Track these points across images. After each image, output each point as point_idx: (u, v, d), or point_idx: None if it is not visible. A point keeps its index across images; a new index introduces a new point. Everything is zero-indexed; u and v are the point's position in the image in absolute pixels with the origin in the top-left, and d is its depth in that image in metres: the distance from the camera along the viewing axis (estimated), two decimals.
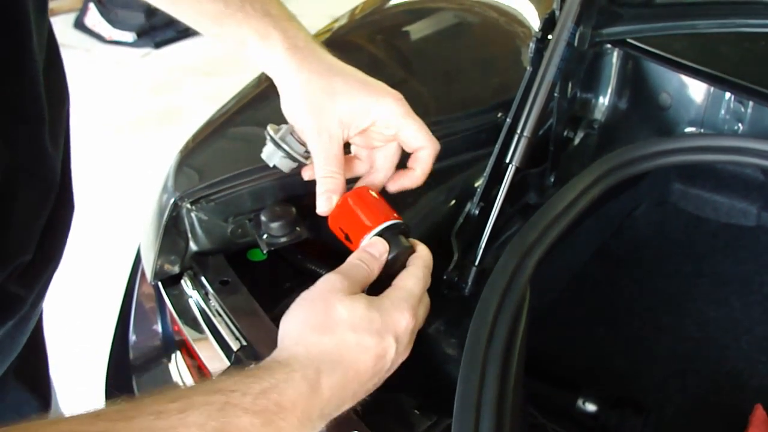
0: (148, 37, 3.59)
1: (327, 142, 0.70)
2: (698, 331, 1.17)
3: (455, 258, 0.81)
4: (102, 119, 2.96)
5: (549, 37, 0.84)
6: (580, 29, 0.84)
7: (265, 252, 0.79)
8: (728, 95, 0.97)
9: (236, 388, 0.50)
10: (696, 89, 1.01)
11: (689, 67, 0.95)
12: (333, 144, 0.70)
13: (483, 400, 0.60)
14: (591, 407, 0.93)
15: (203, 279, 0.81)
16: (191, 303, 0.82)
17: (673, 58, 0.95)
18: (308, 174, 0.74)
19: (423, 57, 1.11)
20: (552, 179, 0.96)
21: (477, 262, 0.80)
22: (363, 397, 0.59)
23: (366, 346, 0.57)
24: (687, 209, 1.28)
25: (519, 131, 0.82)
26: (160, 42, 3.58)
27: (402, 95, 0.72)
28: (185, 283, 0.83)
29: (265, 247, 0.79)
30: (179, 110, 3.00)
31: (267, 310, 0.76)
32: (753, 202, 1.22)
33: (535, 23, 1.13)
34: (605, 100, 1.06)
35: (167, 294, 0.84)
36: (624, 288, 1.24)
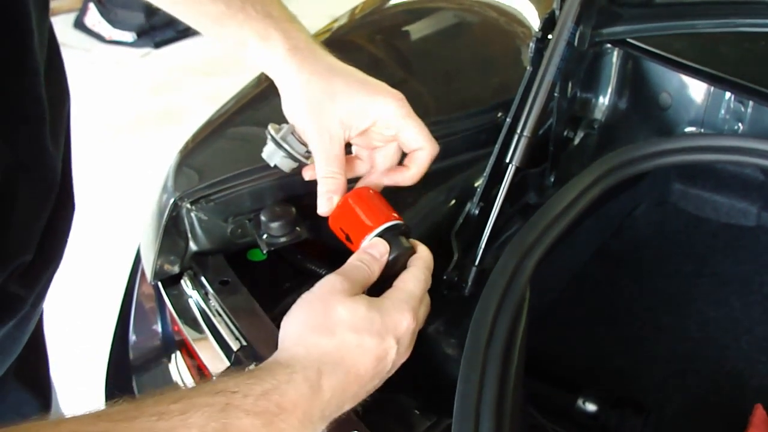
0: (148, 37, 3.59)
1: (328, 143, 0.70)
2: (698, 331, 1.17)
3: (455, 258, 0.81)
4: (102, 119, 2.95)
5: (549, 37, 0.84)
6: (580, 29, 0.84)
7: (265, 252, 0.79)
8: (728, 95, 0.97)
9: (237, 390, 0.50)
10: (696, 89, 1.01)
11: (689, 67, 0.95)
12: (334, 144, 0.70)
13: (483, 401, 0.60)
14: (591, 407, 0.93)
15: (203, 279, 0.81)
16: (191, 303, 0.82)
17: (673, 58, 0.95)
18: (309, 174, 0.74)
19: (423, 57, 1.11)
20: (552, 179, 0.96)
21: (477, 262, 0.80)
22: (363, 398, 0.59)
23: (367, 348, 0.57)
24: (687, 209, 1.28)
25: (519, 131, 0.82)
26: (160, 42, 3.58)
27: (403, 95, 0.72)
28: (185, 283, 0.83)
29: (265, 247, 0.79)
30: (179, 110, 2.99)
31: (267, 310, 0.76)
32: (753, 202, 1.22)
33: (535, 23, 1.13)
34: (605, 100, 1.06)
35: (167, 294, 0.84)
36: (624, 288, 1.24)
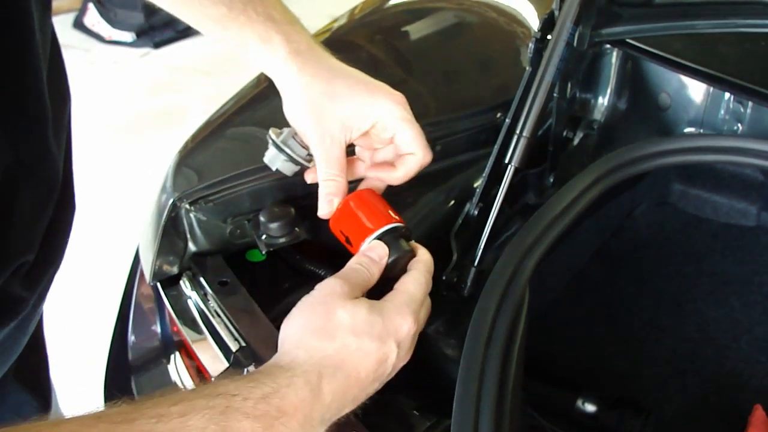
0: (148, 37, 3.59)
1: (329, 145, 0.70)
2: (698, 331, 1.17)
3: (454, 258, 0.81)
4: (101, 119, 2.95)
5: (548, 38, 0.84)
6: (580, 29, 0.84)
7: (264, 253, 0.79)
8: (728, 95, 0.97)
9: (238, 392, 0.50)
10: (695, 89, 1.01)
11: (689, 67, 0.95)
12: (335, 147, 0.70)
13: (482, 401, 0.60)
14: (590, 408, 0.93)
15: (202, 280, 0.81)
16: (190, 304, 0.81)
17: (673, 58, 0.95)
18: (311, 177, 0.74)
19: (422, 57, 1.11)
20: (551, 180, 0.96)
21: (476, 263, 0.80)
22: (363, 401, 0.59)
23: (367, 351, 0.57)
24: (687, 209, 1.28)
25: (518, 131, 0.82)
26: (160, 42, 3.58)
27: (405, 98, 0.72)
28: (184, 284, 0.83)
29: (264, 248, 0.79)
30: (178, 110, 2.99)
31: (266, 311, 0.75)
32: (753, 202, 1.22)
33: (535, 23, 1.13)
34: (604, 101, 1.06)
35: (166, 294, 0.84)
36: (624, 288, 1.24)
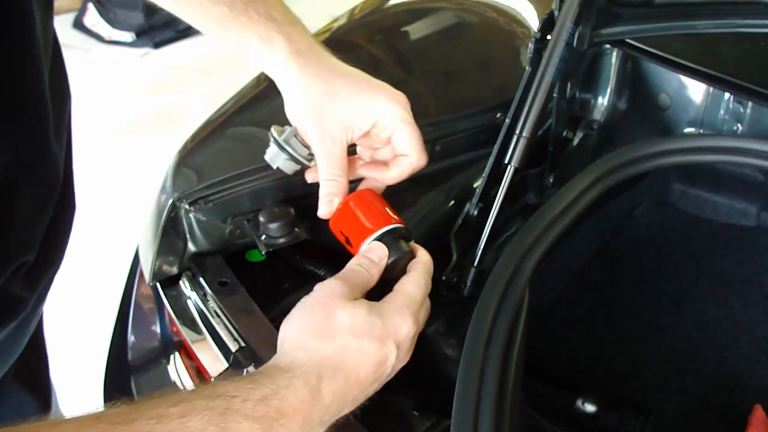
0: (147, 37, 3.58)
1: (330, 145, 0.70)
2: (698, 331, 1.17)
3: (454, 259, 0.81)
4: (101, 119, 2.95)
5: (548, 38, 0.84)
6: (579, 29, 0.84)
7: (264, 253, 0.79)
8: (727, 95, 0.97)
9: (237, 394, 0.50)
10: (695, 89, 1.00)
11: (688, 68, 0.95)
12: (336, 147, 0.70)
13: (482, 401, 0.60)
14: (590, 408, 0.93)
15: (202, 280, 0.81)
16: (190, 304, 0.81)
17: (673, 59, 0.95)
18: (311, 177, 0.74)
19: (422, 57, 1.11)
20: (551, 180, 0.96)
21: (476, 263, 0.80)
22: (362, 402, 0.59)
23: (367, 352, 0.57)
24: (687, 209, 1.29)
25: (518, 132, 0.82)
26: (159, 42, 3.58)
27: (406, 98, 0.72)
28: (184, 284, 0.83)
29: (264, 248, 0.79)
30: (178, 110, 2.99)
31: (265, 311, 0.75)
32: (753, 202, 1.23)
33: (535, 23, 1.13)
34: (604, 101, 1.05)
35: (166, 295, 0.84)
36: (624, 288, 1.24)
